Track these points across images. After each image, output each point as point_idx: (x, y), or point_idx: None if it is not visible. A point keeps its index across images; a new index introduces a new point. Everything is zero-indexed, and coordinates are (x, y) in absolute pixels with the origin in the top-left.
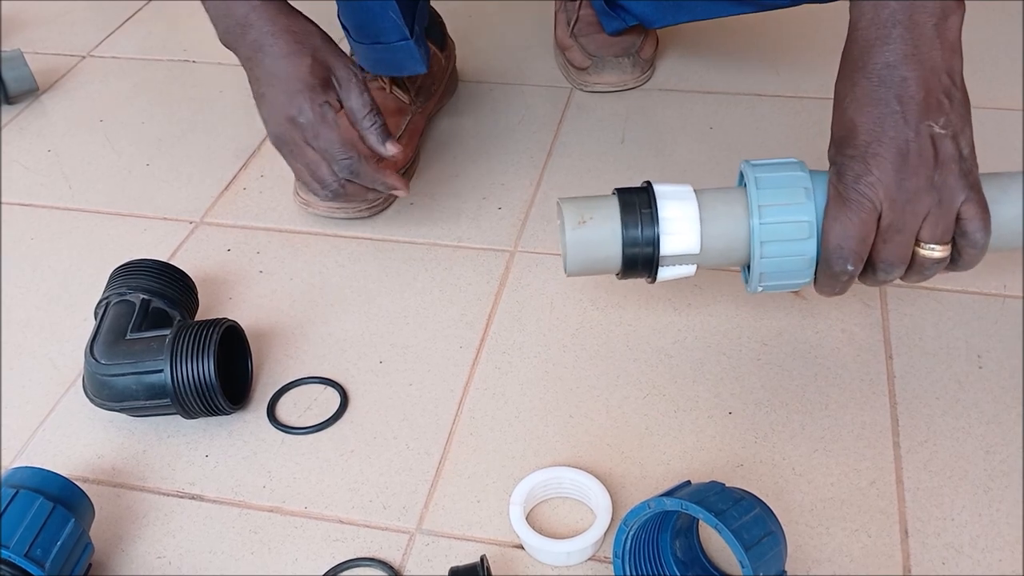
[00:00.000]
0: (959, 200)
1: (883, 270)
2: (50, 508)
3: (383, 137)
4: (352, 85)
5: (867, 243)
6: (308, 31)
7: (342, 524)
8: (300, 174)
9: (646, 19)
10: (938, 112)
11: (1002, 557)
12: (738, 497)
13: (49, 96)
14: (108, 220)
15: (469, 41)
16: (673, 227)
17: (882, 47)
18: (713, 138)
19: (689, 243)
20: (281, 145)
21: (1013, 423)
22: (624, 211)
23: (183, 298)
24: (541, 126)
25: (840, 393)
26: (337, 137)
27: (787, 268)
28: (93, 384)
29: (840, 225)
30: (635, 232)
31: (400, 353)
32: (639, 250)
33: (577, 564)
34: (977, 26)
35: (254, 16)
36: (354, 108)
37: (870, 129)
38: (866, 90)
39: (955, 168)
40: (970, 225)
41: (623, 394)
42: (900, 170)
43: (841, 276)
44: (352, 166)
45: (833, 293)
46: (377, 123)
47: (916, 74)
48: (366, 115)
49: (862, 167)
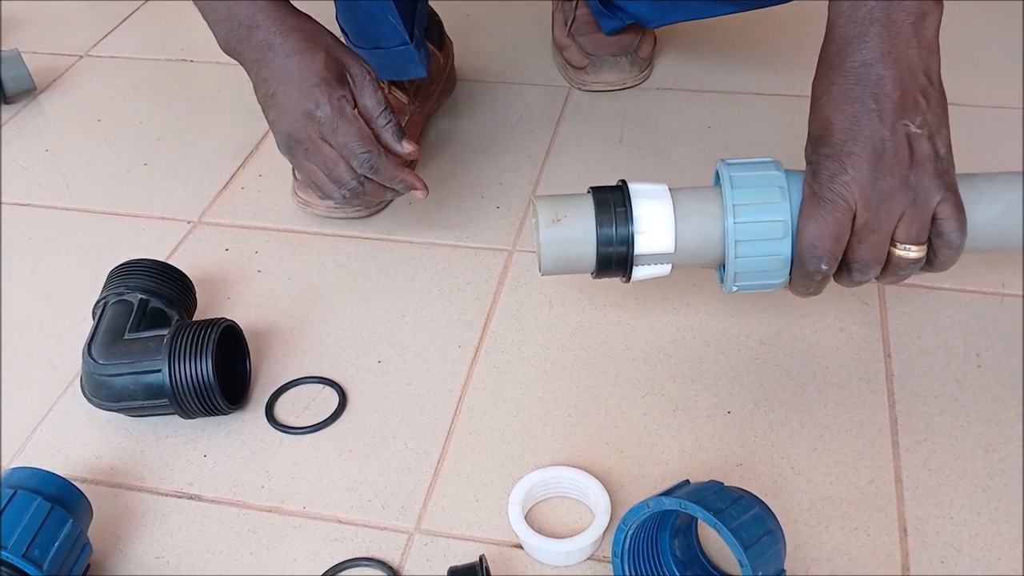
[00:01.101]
0: (935, 200)
1: (858, 270)
2: (48, 508)
3: (399, 135)
4: (366, 83)
5: (841, 242)
6: (318, 29)
7: (341, 524)
8: (314, 175)
9: (642, 18)
10: (914, 111)
11: (1001, 555)
12: (737, 496)
13: (47, 96)
14: (106, 220)
15: (467, 40)
16: (647, 226)
17: (859, 45)
18: (711, 137)
19: (663, 242)
20: (295, 145)
21: (1012, 421)
22: (598, 209)
23: (181, 298)
24: (539, 125)
25: (839, 392)
26: (356, 131)
27: (762, 268)
28: (91, 384)
29: (814, 224)
30: (609, 231)
31: (399, 352)
32: (613, 249)
33: (576, 564)
34: (977, 26)
35: (261, 16)
36: (369, 106)
37: (846, 128)
38: (842, 88)
39: (931, 168)
40: (946, 225)
41: (622, 393)
42: (875, 169)
43: (815, 276)
44: (372, 161)
45: (808, 293)
46: (392, 121)
47: (893, 73)
48: (381, 113)
49: (837, 166)
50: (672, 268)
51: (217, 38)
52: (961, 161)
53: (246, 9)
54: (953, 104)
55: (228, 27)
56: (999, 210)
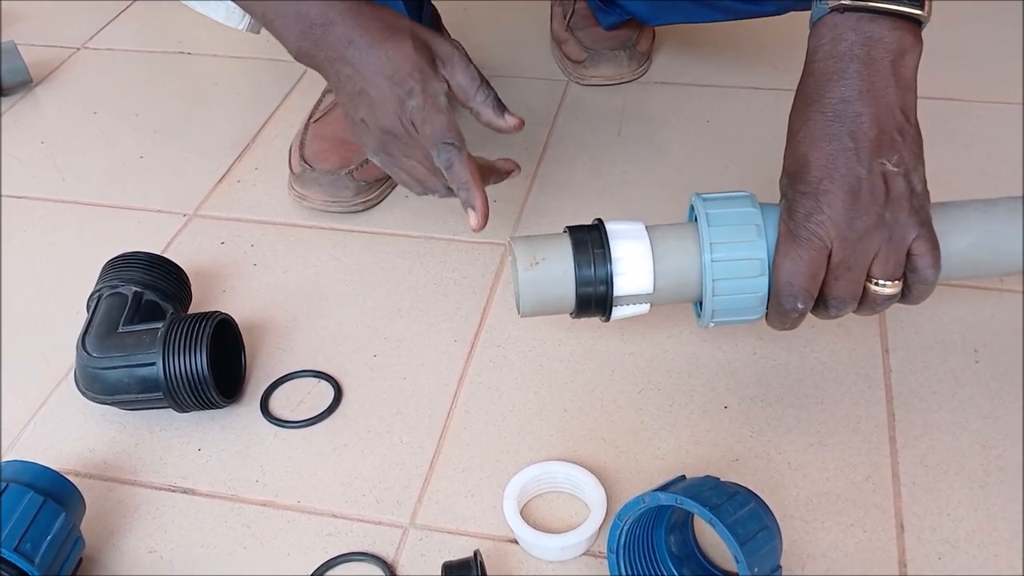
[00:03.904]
0: (910, 237)
1: (834, 306)
2: (40, 502)
3: (499, 109)
4: (455, 60)
5: (817, 280)
6: (396, 15)
7: (335, 518)
8: (415, 171)
9: (641, 16)
10: (891, 150)
11: (998, 552)
12: (733, 492)
13: (43, 88)
14: (101, 212)
15: (465, 34)
16: (626, 267)
17: (838, 81)
18: (710, 132)
19: (643, 283)
20: (390, 140)
21: (1010, 418)
22: (577, 251)
23: (176, 291)
24: (537, 119)
25: (836, 387)
26: (445, 122)
27: (739, 305)
28: (85, 377)
29: (790, 263)
30: (588, 272)
31: (394, 347)
32: (592, 290)
33: (571, 559)
34: (977, 26)
35: (333, 12)
36: (463, 84)
37: (822, 165)
38: (819, 125)
39: (906, 205)
40: (920, 262)
41: (618, 388)
42: (851, 208)
43: (791, 313)
44: (450, 157)
45: (784, 328)
46: (491, 95)
47: (870, 111)
48: (477, 89)
49: (813, 204)
50: (651, 307)
51: (287, 45)
52: (961, 159)
53: (316, 8)
54: (953, 100)
55: (299, 29)
56: (972, 240)
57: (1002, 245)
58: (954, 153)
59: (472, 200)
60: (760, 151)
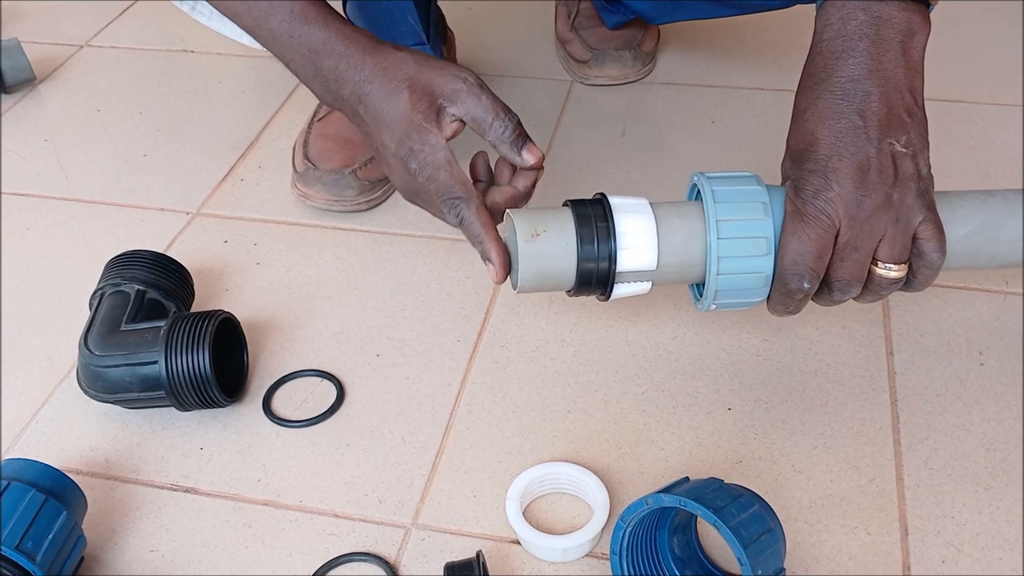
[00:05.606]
0: (917, 220)
1: (839, 289)
2: (42, 500)
3: (517, 143)
4: (463, 95)
5: (824, 260)
6: (399, 60)
7: (337, 518)
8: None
9: (646, 15)
10: (900, 130)
11: (1002, 555)
12: (736, 494)
13: (46, 86)
14: (104, 210)
15: (469, 34)
16: (630, 241)
17: (847, 60)
18: (714, 132)
19: (647, 259)
20: (413, 197)
21: (1014, 421)
22: (579, 224)
23: (179, 289)
24: (541, 119)
25: (840, 390)
26: (447, 178)
27: (743, 285)
28: (87, 376)
29: (798, 241)
30: (591, 247)
31: (397, 347)
32: (595, 265)
33: (574, 560)
34: (977, 26)
35: (343, 67)
36: (476, 118)
37: (831, 143)
38: (828, 103)
39: (913, 187)
40: (927, 246)
41: (621, 389)
42: (860, 187)
43: (796, 294)
44: (459, 212)
45: (786, 312)
46: (508, 127)
47: (880, 90)
48: (492, 121)
49: (822, 182)
50: (652, 287)
51: (316, 96)
52: (961, 158)
53: (329, 60)
54: (954, 101)
55: (318, 85)
56: (971, 228)
57: (1001, 235)
58: (958, 155)
59: (488, 253)
60: (765, 152)
